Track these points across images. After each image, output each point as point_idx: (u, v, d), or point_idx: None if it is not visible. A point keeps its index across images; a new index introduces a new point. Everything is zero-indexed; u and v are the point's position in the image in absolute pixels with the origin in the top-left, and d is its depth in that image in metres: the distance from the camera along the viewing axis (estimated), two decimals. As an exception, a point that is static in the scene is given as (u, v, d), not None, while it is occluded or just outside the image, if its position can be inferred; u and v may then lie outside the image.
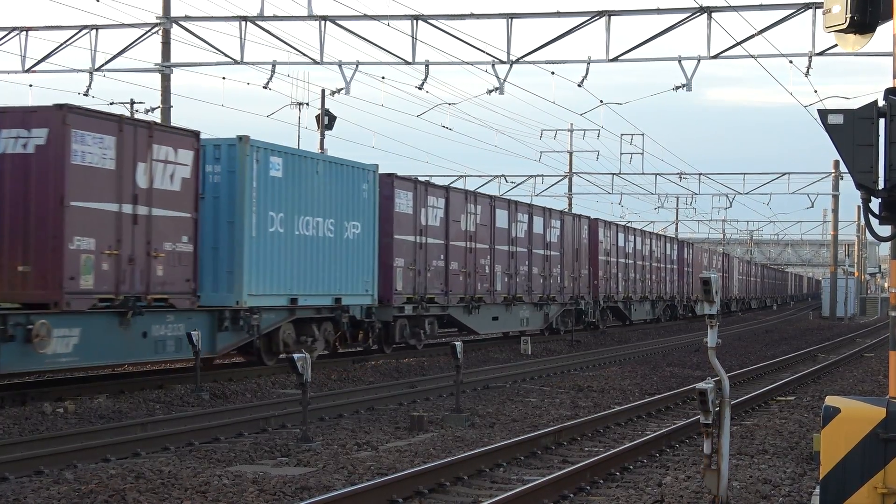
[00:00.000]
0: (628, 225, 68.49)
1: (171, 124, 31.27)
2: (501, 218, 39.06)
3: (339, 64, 34.00)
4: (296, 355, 16.84)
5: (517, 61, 32.90)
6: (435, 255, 33.99)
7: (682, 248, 70.27)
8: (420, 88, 34.53)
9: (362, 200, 29.18)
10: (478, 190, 54.32)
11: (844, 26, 8.90)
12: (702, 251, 76.03)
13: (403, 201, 31.91)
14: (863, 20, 8.94)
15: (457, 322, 36.71)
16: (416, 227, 32.80)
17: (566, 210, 59.61)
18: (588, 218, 49.94)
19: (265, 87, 35.15)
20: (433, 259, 33.80)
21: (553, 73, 35.20)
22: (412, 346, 33.57)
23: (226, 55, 33.95)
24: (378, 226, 30.08)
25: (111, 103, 46.57)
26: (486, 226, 37.62)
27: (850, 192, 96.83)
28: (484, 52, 33.41)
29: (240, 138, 24.60)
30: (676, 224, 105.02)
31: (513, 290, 39.84)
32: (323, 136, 51.02)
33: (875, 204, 8.94)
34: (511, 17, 32.04)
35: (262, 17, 32.80)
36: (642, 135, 65.79)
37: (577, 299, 47.45)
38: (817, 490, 10.38)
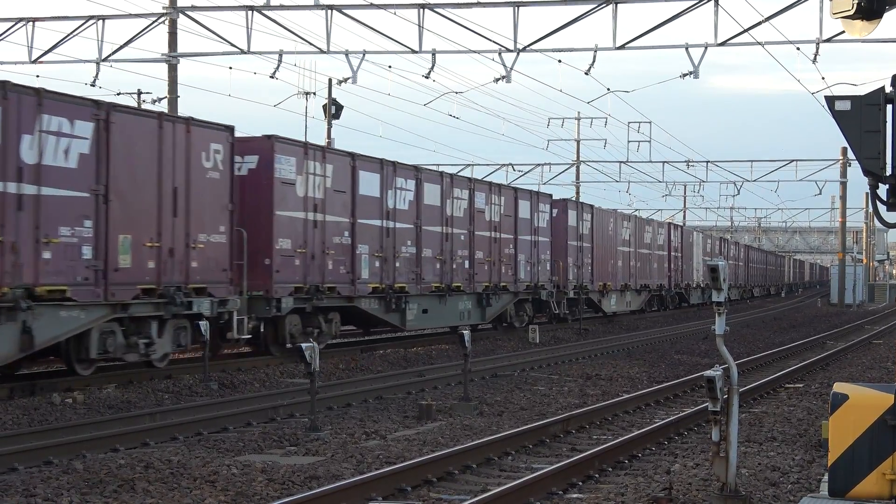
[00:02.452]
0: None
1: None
2: (433, 194, 33.74)
3: (346, 53, 33.95)
4: (304, 345, 16.86)
5: (524, 49, 32.83)
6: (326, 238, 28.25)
7: (670, 232, 64.27)
8: (427, 77, 34.47)
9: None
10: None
11: (852, 12, 8.86)
12: (691, 234, 70.67)
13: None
14: (870, 6, 8.90)
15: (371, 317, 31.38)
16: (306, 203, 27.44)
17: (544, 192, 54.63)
18: (549, 196, 43.38)
19: (272, 77, 35.13)
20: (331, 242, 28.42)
21: (560, 61, 35.14)
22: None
23: (232, 45, 33.93)
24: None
25: (118, 94, 46.57)
26: (413, 203, 32.59)
27: (858, 179, 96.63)
28: (490, 40, 33.37)
29: None
30: (684, 212, 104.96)
31: (446, 278, 34.37)
32: (330, 125, 51.00)
33: (883, 190, 8.92)
34: (517, 4, 31.97)
35: (268, 6, 32.75)
36: (650, 123, 65.64)
37: (537, 288, 41.32)
38: (826, 477, 10.37)
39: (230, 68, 42.17)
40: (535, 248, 40.82)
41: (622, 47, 32.10)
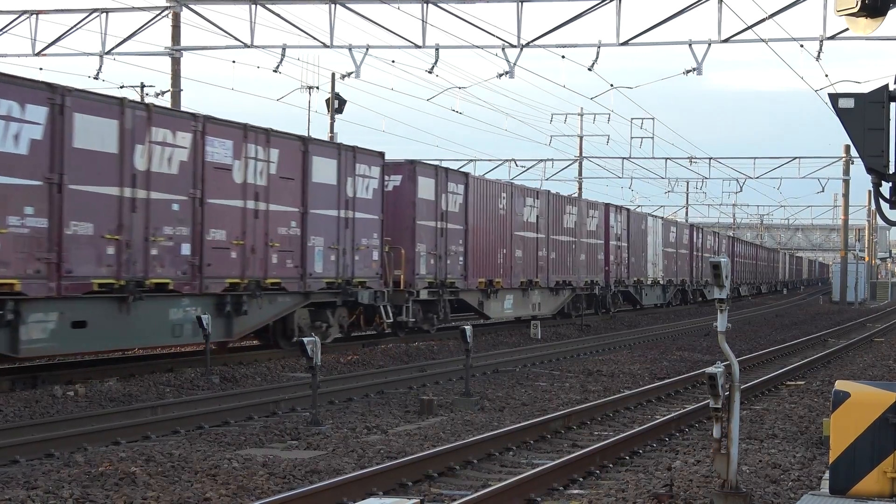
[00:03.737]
0: (638, 209, 67.54)
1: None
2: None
3: (350, 48, 33.93)
4: (305, 339, 16.87)
5: (527, 45, 32.80)
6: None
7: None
8: (430, 72, 34.43)
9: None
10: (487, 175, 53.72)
11: (856, 9, 8.86)
12: (644, 219, 59.08)
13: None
14: (874, 3, 8.90)
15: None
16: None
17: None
18: (380, 156, 32.55)
19: (275, 71, 35.09)
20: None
21: (563, 57, 35.09)
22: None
23: (236, 39, 33.91)
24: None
25: (121, 87, 46.56)
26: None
27: (860, 177, 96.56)
28: (494, 35, 33.32)
29: None
30: (686, 208, 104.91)
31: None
32: (333, 119, 51.02)
33: (886, 188, 8.93)
34: (521, 0, 31.95)
35: (272, 0, 32.75)
36: (652, 119, 65.51)
37: (344, 286, 39.39)
38: (827, 474, 10.37)
39: (233, 62, 42.36)
40: (345, 228, 28.57)
41: (626, 43, 32.06)
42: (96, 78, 35.26)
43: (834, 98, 8.96)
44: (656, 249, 59.80)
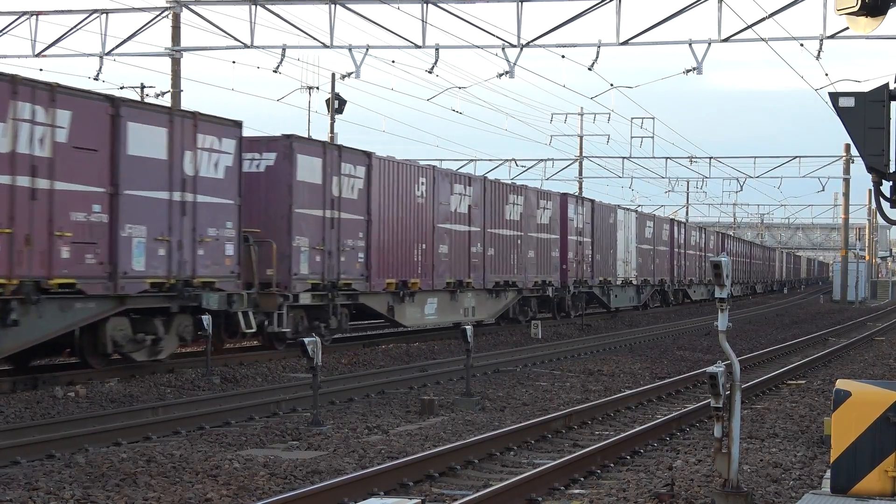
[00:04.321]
0: (639, 209, 66.29)
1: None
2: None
3: (350, 48, 33.93)
4: (306, 339, 16.86)
5: (527, 45, 32.80)
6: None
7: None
8: (430, 72, 34.43)
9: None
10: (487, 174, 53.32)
11: (856, 8, 8.86)
12: (613, 212, 52.40)
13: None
14: (874, 2, 8.91)
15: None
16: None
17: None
18: (237, 127, 26.41)
19: (275, 72, 35.08)
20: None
21: (563, 56, 35.07)
22: None
23: (236, 39, 33.91)
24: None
25: (121, 87, 46.60)
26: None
27: (861, 176, 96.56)
28: (494, 35, 33.32)
29: None
30: (687, 208, 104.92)
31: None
32: (333, 120, 51.02)
33: (886, 187, 8.93)
34: (521, 0, 31.94)
35: (272, 0, 32.75)
36: (653, 118, 65.47)
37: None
38: (828, 473, 10.38)
39: (233, 62, 42.37)
40: (182, 214, 22.99)
41: (626, 43, 32.06)
42: (96, 79, 35.27)
43: (834, 97, 8.97)
44: (628, 246, 53.61)
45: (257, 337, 27.14)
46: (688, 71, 33.30)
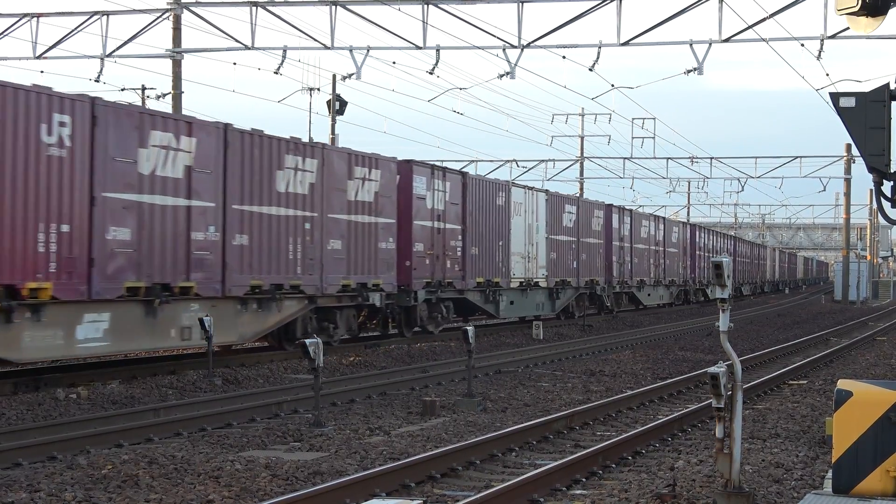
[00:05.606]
0: (640, 210, 66.52)
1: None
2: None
3: (350, 49, 33.94)
4: (308, 340, 16.87)
5: (528, 46, 32.81)
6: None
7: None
8: (431, 73, 34.45)
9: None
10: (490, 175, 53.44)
11: (856, 8, 8.86)
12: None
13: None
14: (875, 2, 8.91)
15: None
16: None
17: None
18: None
19: (276, 73, 35.11)
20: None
21: (564, 57, 35.10)
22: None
23: (237, 41, 33.93)
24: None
25: (122, 89, 46.62)
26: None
27: (862, 176, 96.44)
28: (495, 36, 33.35)
29: None
30: (688, 208, 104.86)
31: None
32: (334, 121, 51.00)
33: (887, 187, 8.93)
34: (522, 0, 31.95)
35: (272, 2, 32.76)
36: (654, 119, 65.51)
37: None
38: (830, 474, 10.38)
39: (234, 64, 42.31)
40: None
41: (626, 44, 32.07)
42: (97, 81, 35.29)
43: (835, 97, 8.97)
44: (531, 237, 41.30)
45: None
46: (689, 71, 33.32)
